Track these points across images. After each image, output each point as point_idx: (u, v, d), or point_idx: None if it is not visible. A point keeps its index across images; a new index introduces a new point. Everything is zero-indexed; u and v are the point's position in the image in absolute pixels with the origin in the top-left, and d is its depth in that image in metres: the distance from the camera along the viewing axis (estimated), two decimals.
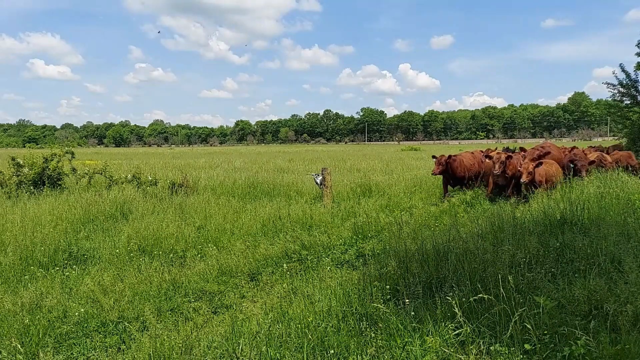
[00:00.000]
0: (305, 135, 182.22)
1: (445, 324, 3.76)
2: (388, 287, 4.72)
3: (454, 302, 3.77)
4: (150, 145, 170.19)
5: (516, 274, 4.54)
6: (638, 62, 23.89)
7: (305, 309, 4.46)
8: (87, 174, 14.09)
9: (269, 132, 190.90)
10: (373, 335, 3.76)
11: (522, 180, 9.70)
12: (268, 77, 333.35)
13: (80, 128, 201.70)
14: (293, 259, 6.73)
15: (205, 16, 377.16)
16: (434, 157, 12.30)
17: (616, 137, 30.94)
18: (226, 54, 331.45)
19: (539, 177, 9.93)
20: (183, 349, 3.84)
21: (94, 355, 4.10)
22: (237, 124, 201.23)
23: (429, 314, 3.94)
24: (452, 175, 12.12)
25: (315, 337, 3.79)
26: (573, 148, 13.79)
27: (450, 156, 12.17)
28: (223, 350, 3.83)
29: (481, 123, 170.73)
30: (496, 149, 15.65)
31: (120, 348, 4.26)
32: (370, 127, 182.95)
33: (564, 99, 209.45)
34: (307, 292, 5.15)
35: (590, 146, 18.73)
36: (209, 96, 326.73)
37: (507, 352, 3.37)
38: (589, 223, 6.45)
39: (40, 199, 11.22)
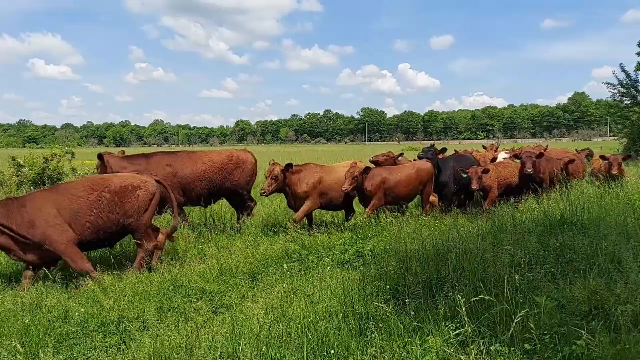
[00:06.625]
0: (305, 135, 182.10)
1: (445, 323, 3.76)
2: (388, 287, 4.72)
3: (457, 301, 3.77)
4: (150, 145, 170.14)
5: (516, 273, 4.54)
6: (638, 62, 23.92)
7: (305, 308, 4.46)
8: (87, 173, 14.10)
9: (269, 132, 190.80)
10: (373, 335, 3.76)
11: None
12: (268, 77, 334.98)
13: (80, 128, 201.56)
14: (293, 259, 6.73)
15: (206, 16, 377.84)
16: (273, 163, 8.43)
17: (616, 137, 30.89)
18: (226, 54, 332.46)
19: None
20: (183, 349, 3.84)
21: (94, 355, 4.10)
22: (237, 124, 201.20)
23: (430, 314, 3.94)
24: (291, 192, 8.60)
25: (316, 337, 3.79)
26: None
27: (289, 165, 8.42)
28: (223, 350, 3.83)
29: (481, 123, 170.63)
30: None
31: (120, 348, 4.26)
32: (370, 127, 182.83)
33: (563, 99, 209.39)
34: (307, 291, 5.15)
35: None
36: (209, 96, 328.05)
37: (507, 352, 3.37)
38: (589, 223, 6.44)
39: None
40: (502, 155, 12.87)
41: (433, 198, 9.88)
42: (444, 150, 10.46)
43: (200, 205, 8.91)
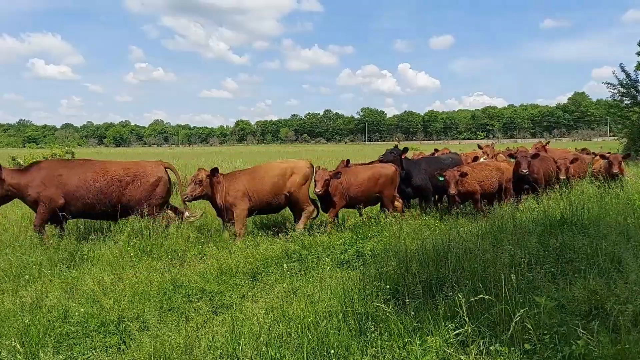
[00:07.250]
0: (305, 135, 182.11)
1: (445, 323, 3.76)
2: (388, 287, 4.71)
3: (457, 301, 3.77)
4: (150, 145, 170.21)
5: (516, 273, 4.54)
6: (638, 62, 23.91)
7: (305, 308, 4.46)
8: None
9: (269, 132, 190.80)
10: (374, 335, 3.76)
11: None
12: (268, 77, 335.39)
13: (80, 128, 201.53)
14: (293, 259, 6.72)
15: (206, 16, 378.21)
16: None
17: (616, 137, 30.90)
18: (226, 54, 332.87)
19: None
20: (183, 349, 3.84)
21: (94, 355, 4.10)
22: (237, 124, 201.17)
23: (430, 314, 3.94)
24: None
25: (316, 337, 3.79)
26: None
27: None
28: (223, 350, 3.83)
29: (481, 123, 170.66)
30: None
31: (120, 348, 4.26)
32: (370, 127, 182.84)
33: (563, 99, 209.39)
34: (307, 291, 5.15)
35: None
36: (209, 96, 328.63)
37: (507, 352, 3.37)
38: (589, 223, 6.44)
39: None
40: (482, 158, 12.67)
41: (397, 203, 9.59)
42: (405, 150, 10.28)
43: (102, 218, 8.25)
